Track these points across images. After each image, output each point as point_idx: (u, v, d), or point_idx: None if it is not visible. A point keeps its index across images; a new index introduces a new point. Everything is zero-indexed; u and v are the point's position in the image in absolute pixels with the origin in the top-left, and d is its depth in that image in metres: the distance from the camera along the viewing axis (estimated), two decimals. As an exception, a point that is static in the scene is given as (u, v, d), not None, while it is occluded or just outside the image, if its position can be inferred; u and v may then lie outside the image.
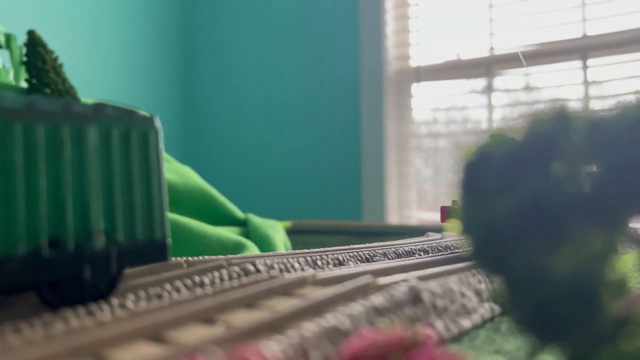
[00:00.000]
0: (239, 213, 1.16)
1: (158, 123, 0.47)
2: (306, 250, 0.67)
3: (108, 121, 0.44)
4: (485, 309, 0.53)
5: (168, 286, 0.48)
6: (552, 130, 0.30)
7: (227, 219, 1.13)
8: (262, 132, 2.29)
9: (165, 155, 1.14)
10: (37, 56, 0.97)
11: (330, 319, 0.37)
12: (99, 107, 0.44)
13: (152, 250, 0.46)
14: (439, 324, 0.46)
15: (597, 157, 0.29)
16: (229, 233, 1.02)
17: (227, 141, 2.37)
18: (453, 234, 0.89)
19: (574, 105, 0.31)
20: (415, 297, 0.46)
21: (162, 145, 0.47)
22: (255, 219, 1.15)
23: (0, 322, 0.40)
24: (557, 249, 0.29)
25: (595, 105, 0.33)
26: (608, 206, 0.29)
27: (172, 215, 0.98)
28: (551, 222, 0.29)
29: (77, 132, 0.42)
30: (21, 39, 0.98)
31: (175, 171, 1.12)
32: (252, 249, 0.99)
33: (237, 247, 0.97)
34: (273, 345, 0.31)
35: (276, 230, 1.15)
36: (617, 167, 0.29)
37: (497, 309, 0.54)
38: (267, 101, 2.29)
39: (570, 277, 0.29)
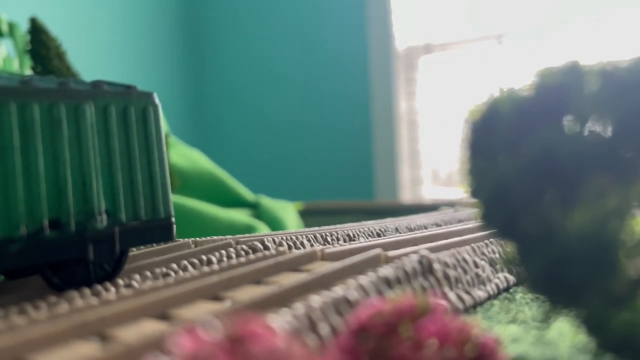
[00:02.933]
0: (249, 195, 1.15)
1: (157, 99, 0.46)
2: (316, 228, 0.66)
3: (105, 98, 0.43)
4: (500, 279, 0.52)
5: (174, 266, 0.47)
6: (564, 82, 0.28)
7: (237, 202, 1.12)
8: (271, 112, 2.27)
9: (173, 138, 1.14)
10: (40, 44, 0.97)
11: (339, 291, 0.36)
12: (95, 84, 0.43)
13: (157, 230, 0.45)
14: (451, 295, 0.45)
15: (611, 108, 0.28)
16: (240, 216, 1.01)
17: (236, 122, 2.36)
18: (466, 207, 0.88)
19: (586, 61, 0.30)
20: (426, 268, 0.44)
21: (162, 122, 0.46)
22: (266, 201, 1.15)
23: (6, 305, 0.39)
24: (570, 207, 0.28)
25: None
26: (624, 160, 0.27)
27: (182, 200, 0.98)
28: (564, 179, 0.28)
29: (73, 109, 0.41)
30: (24, 26, 0.97)
31: (184, 155, 1.12)
32: (264, 231, 0.99)
33: (249, 230, 0.97)
34: (278, 318, 0.31)
35: (288, 212, 1.15)
36: (633, 117, 0.27)
37: (511, 278, 0.53)
38: (275, 81, 2.27)
39: (584, 236, 0.27)
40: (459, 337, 0.28)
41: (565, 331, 0.37)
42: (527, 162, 0.28)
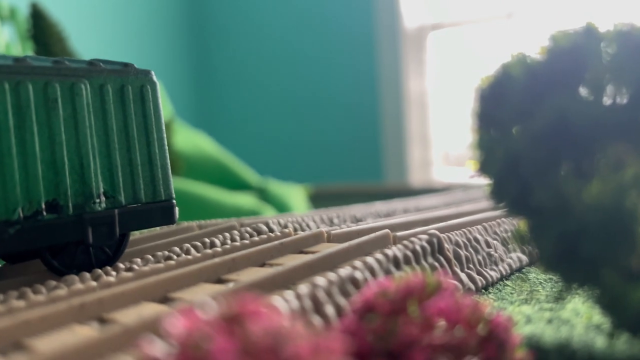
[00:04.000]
0: (256, 179, 1.14)
1: (155, 77, 0.44)
2: (322, 209, 0.65)
3: (101, 76, 0.41)
4: (513, 259, 0.51)
5: (177, 249, 0.46)
6: (578, 45, 0.26)
7: (243, 186, 1.11)
8: (278, 94, 2.25)
9: (178, 122, 1.12)
10: (41, 29, 0.96)
11: (345, 271, 0.35)
12: (91, 63, 0.42)
13: (158, 212, 0.44)
14: (462, 275, 0.44)
15: (629, 71, 0.26)
16: (246, 200, 1.00)
17: (242, 104, 2.34)
18: (477, 188, 0.86)
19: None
20: (436, 248, 0.43)
21: (160, 101, 0.45)
22: (274, 185, 1.13)
23: (6, 289, 0.38)
24: (586, 177, 0.26)
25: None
26: (644, 126, 0.26)
27: (188, 185, 0.97)
28: (579, 148, 0.26)
29: (69, 88, 0.39)
30: (25, 11, 0.96)
31: (189, 140, 1.11)
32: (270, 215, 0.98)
33: (255, 214, 0.96)
34: (281, 298, 0.29)
35: (295, 196, 1.14)
36: (654, 81, 0.25)
37: (524, 258, 0.52)
38: (282, 62, 2.25)
39: (601, 208, 0.26)
40: (470, 316, 0.27)
41: (581, 310, 0.36)
42: (540, 131, 0.26)
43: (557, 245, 0.26)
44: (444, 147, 2.00)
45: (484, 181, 0.31)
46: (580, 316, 0.34)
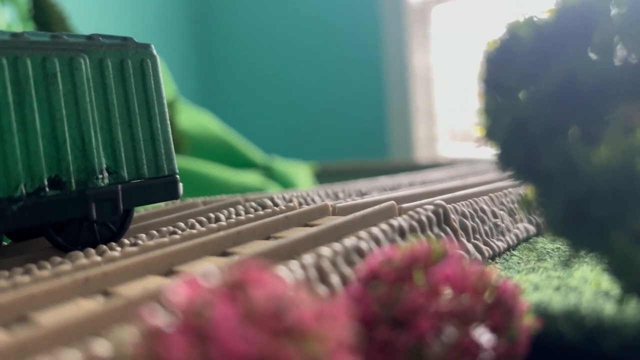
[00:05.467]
0: (261, 157, 1.14)
1: (154, 51, 0.44)
2: (326, 185, 0.64)
3: (101, 51, 0.41)
4: (520, 229, 0.50)
5: (182, 224, 0.46)
6: (589, 4, 0.25)
7: (248, 164, 1.11)
8: (282, 71, 2.23)
9: (182, 101, 1.12)
10: (42, 9, 0.95)
11: (349, 241, 0.34)
12: (90, 37, 0.41)
13: (161, 187, 0.44)
14: (469, 246, 0.44)
15: (641, 29, 0.25)
16: (251, 178, 1.00)
17: (247, 82, 2.32)
18: (483, 161, 0.85)
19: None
20: (442, 218, 0.43)
21: (161, 75, 0.44)
22: (279, 163, 1.13)
23: (11, 266, 0.38)
24: (595, 140, 0.25)
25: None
26: (655, 85, 0.25)
27: (193, 164, 0.96)
28: (589, 110, 0.25)
29: (68, 63, 0.39)
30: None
31: (193, 119, 1.10)
32: (277, 192, 0.98)
33: (260, 192, 0.96)
34: (285, 268, 0.29)
35: (301, 173, 1.13)
36: (665, 38, 0.25)
37: (531, 228, 0.51)
38: (286, 38, 2.23)
39: (611, 170, 0.25)
40: (477, 283, 0.27)
41: (589, 277, 0.35)
42: (549, 93, 0.25)
43: (566, 209, 0.26)
44: (450, 122, 1.99)
45: (490, 153, 0.31)
46: (589, 283, 0.34)
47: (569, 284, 0.34)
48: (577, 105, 0.26)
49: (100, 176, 0.40)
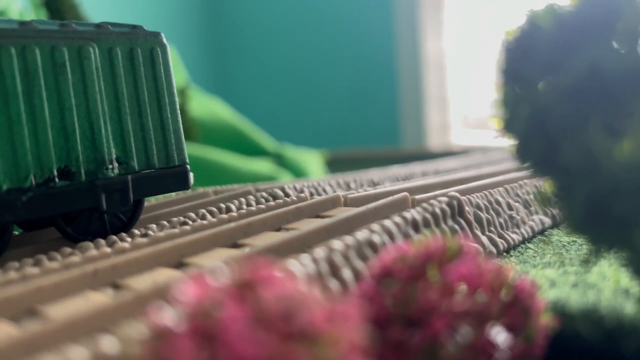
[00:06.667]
0: (272, 145, 1.13)
1: (164, 39, 0.43)
2: (338, 174, 0.63)
3: (110, 39, 0.40)
4: (535, 221, 0.49)
5: (192, 215, 0.45)
6: (612, -9, 0.24)
7: (259, 151, 1.10)
8: (293, 58, 2.22)
9: (193, 88, 1.11)
10: (53, -4, 0.94)
11: (362, 234, 0.34)
12: (99, 25, 0.40)
13: (172, 178, 0.43)
14: (483, 238, 0.43)
15: (669, 18, 0.24)
16: (262, 166, 0.99)
17: (258, 68, 2.30)
18: (498, 150, 0.84)
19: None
20: (456, 211, 0.42)
21: (170, 63, 0.43)
22: (290, 151, 1.12)
23: (21, 257, 0.38)
24: (619, 133, 0.25)
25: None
26: (683, 77, 0.24)
27: (204, 151, 0.96)
28: (612, 102, 0.24)
29: (77, 52, 0.38)
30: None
31: (204, 107, 1.10)
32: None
33: (271, 180, 0.95)
34: (296, 263, 0.29)
35: (312, 161, 1.13)
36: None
37: (547, 220, 0.50)
38: (297, 24, 2.21)
39: (634, 166, 0.24)
40: (493, 281, 0.26)
41: (607, 274, 0.34)
42: (571, 85, 0.24)
43: (586, 205, 0.25)
44: (463, 109, 1.96)
45: (506, 142, 0.30)
46: (607, 280, 0.33)
47: (586, 280, 0.33)
48: (600, 97, 0.25)
49: (110, 166, 0.40)
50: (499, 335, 0.24)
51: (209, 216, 0.46)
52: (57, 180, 0.37)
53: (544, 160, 0.27)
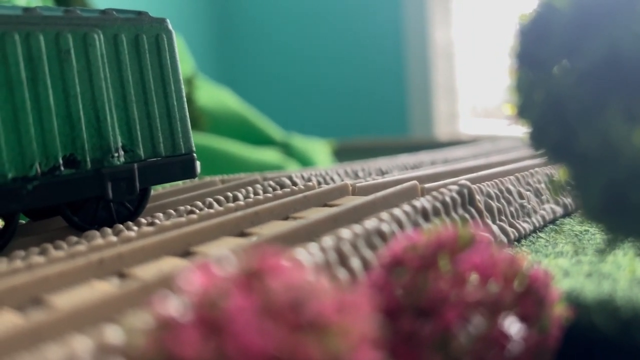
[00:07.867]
0: (280, 134, 1.13)
1: (170, 25, 0.42)
2: (346, 163, 0.63)
3: (115, 26, 0.40)
4: (547, 210, 0.48)
5: (199, 203, 0.45)
6: (632, -30, 0.23)
7: (267, 141, 1.10)
8: (301, 47, 2.20)
9: (201, 77, 1.11)
10: (59, -17, 0.94)
11: (371, 223, 0.33)
12: (104, 11, 0.40)
13: (178, 166, 0.43)
14: (494, 227, 0.42)
15: (692, -2, 0.23)
16: (270, 155, 0.99)
17: (265, 57, 2.29)
18: (508, 139, 0.83)
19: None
20: (467, 199, 0.41)
21: (176, 50, 0.43)
22: (298, 140, 1.12)
23: (27, 246, 0.38)
24: (638, 118, 0.24)
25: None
26: None
27: (212, 141, 0.96)
28: (631, 86, 0.24)
29: (81, 38, 0.38)
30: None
31: (212, 96, 1.09)
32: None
33: (279, 169, 0.95)
34: (304, 251, 0.28)
35: (320, 151, 1.12)
36: None
37: (559, 210, 0.49)
38: (304, 13, 2.19)
39: (655, 153, 0.23)
40: (506, 270, 0.25)
41: (622, 263, 0.34)
42: (589, 69, 0.24)
43: (604, 193, 0.24)
44: (472, 98, 1.95)
45: (518, 130, 0.29)
46: (623, 269, 0.32)
47: (601, 270, 0.33)
48: (618, 81, 0.24)
49: (116, 155, 0.39)
50: (512, 326, 0.23)
51: (216, 205, 0.45)
52: (62, 168, 0.37)
53: (560, 147, 0.27)
